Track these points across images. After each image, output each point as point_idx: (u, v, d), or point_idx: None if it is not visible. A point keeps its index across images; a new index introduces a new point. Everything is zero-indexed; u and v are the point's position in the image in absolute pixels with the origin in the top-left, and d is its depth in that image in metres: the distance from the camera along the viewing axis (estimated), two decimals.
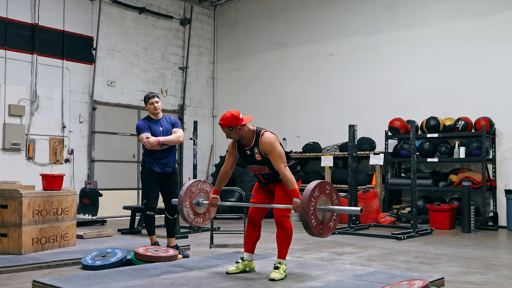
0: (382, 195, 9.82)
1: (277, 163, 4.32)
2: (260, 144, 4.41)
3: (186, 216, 4.79)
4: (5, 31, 9.42)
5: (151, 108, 5.83)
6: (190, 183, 4.87)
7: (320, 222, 4.15)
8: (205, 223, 5.00)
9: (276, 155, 4.32)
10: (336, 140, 10.78)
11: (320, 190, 4.16)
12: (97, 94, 10.76)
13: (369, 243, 7.01)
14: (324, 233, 4.21)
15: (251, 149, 4.48)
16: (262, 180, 4.60)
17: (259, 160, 4.46)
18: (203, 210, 4.93)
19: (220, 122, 4.40)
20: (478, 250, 6.45)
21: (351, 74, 10.94)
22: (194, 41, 12.77)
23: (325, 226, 4.22)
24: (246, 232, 4.70)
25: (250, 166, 4.59)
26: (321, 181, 4.23)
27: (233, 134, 4.42)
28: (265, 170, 4.49)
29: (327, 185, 4.25)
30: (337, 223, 4.34)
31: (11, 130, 9.37)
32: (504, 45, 9.17)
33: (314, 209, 4.09)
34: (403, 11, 10.38)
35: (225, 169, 4.69)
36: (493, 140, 9.19)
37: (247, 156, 4.53)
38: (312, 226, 4.06)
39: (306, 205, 4.03)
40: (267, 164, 4.44)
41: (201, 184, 4.95)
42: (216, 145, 12.97)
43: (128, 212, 8.67)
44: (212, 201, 4.76)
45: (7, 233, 5.66)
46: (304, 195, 4.06)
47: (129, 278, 4.38)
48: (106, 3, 11.00)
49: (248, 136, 4.46)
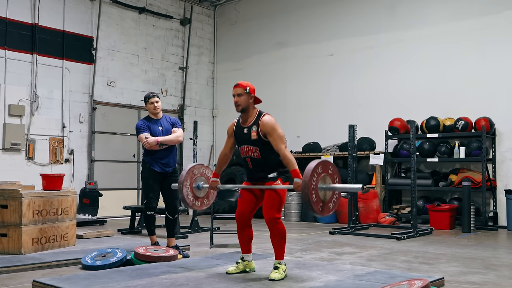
0: (382, 195, 9.82)
1: (277, 144, 4.36)
2: (260, 124, 4.45)
3: (185, 197, 4.73)
4: (5, 31, 9.42)
5: (151, 108, 5.83)
6: (193, 165, 4.84)
7: (320, 199, 4.13)
8: (203, 207, 4.94)
9: (277, 136, 4.38)
10: (336, 140, 10.78)
11: (323, 168, 4.15)
12: (97, 94, 10.76)
13: (369, 243, 7.01)
14: (324, 212, 4.18)
15: (248, 128, 4.51)
16: (250, 165, 4.53)
17: (253, 140, 4.45)
18: (203, 194, 4.90)
19: (239, 83, 4.59)
20: (478, 250, 6.45)
21: (351, 74, 10.94)
22: (194, 41, 12.77)
23: (325, 205, 4.19)
24: (238, 235, 4.66)
25: (242, 148, 4.56)
26: (325, 160, 4.22)
27: (242, 99, 4.53)
28: (256, 153, 4.46)
29: (330, 165, 4.24)
30: (336, 205, 4.33)
31: (11, 130, 9.37)
32: (504, 45, 9.17)
33: (316, 185, 4.07)
34: (403, 11, 10.38)
35: (224, 152, 4.73)
36: (493, 140, 9.19)
37: (243, 134, 4.53)
38: (312, 201, 4.03)
39: (308, 179, 4.00)
40: (259, 146, 4.44)
41: (203, 168, 4.92)
42: (216, 145, 12.96)
43: (128, 212, 8.67)
44: (212, 184, 4.75)
45: (7, 233, 5.66)
46: (307, 169, 4.05)
47: (129, 278, 4.38)
48: (106, 3, 11.00)
49: (251, 112, 4.55)
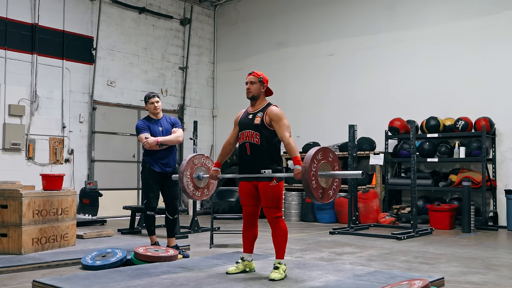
0: (382, 195, 9.82)
1: (283, 131, 4.42)
2: (268, 111, 4.50)
3: (185, 187, 4.73)
4: (5, 31, 9.42)
5: (151, 108, 5.83)
6: (193, 155, 4.84)
7: (320, 186, 4.12)
8: (203, 198, 4.96)
9: (283, 123, 4.45)
10: (336, 140, 10.78)
11: (323, 155, 4.16)
12: (97, 94, 10.76)
13: (369, 243, 7.01)
14: (324, 199, 4.18)
15: (254, 114, 4.57)
16: (248, 151, 4.51)
17: (256, 124, 4.49)
18: (203, 185, 4.90)
19: (254, 72, 4.64)
20: (478, 250, 6.45)
21: (351, 74, 10.94)
22: (194, 41, 12.77)
23: (325, 192, 4.19)
24: (243, 233, 4.69)
25: (242, 133, 4.57)
26: (325, 147, 4.23)
27: (254, 87, 4.58)
28: (255, 139, 4.48)
29: (330, 153, 4.25)
30: (336, 193, 4.33)
31: (11, 130, 9.37)
32: (504, 45, 9.17)
33: (316, 171, 4.06)
34: (403, 11, 10.38)
35: (228, 141, 4.75)
36: (493, 140, 9.19)
37: (247, 120, 4.58)
38: (312, 188, 4.03)
39: (308, 165, 4.00)
40: (260, 131, 4.46)
41: (203, 158, 4.92)
42: (216, 145, 12.96)
43: (128, 212, 8.67)
44: (213, 173, 4.75)
45: (7, 233, 5.66)
46: (307, 155, 4.06)
47: (129, 278, 4.38)
48: (106, 3, 11.00)
49: (260, 101, 4.61)
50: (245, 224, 4.66)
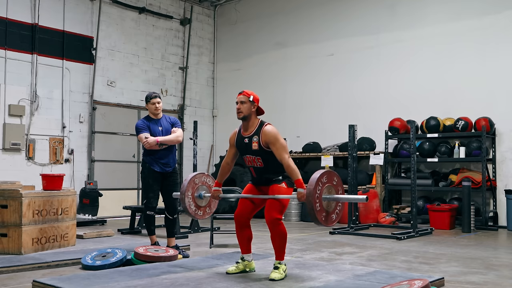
0: (382, 195, 9.82)
1: (280, 154, 4.36)
2: (262, 134, 4.44)
3: (187, 207, 4.75)
4: (5, 31, 9.42)
5: (152, 108, 5.83)
6: (194, 175, 4.85)
7: (324, 209, 4.13)
8: (205, 216, 4.98)
9: (280, 145, 4.38)
10: (336, 140, 10.78)
11: (328, 178, 4.17)
12: (97, 94, 10.76)
13: (369, 243, 7.01)
14: (328, 222, 4.18)
15: (250, 138, 4.51)
16: (254, 174, 4.57)
17: (254, 150, 4.46)
18: (205, 203, 4.92)
19: (244, 91, 4.59)
20: (478, 250, 6.45)
21: (351, 74, 10.94)
22: (194, 41, 12.77)
23: (329, 216, 4.19)
24: (237, 235, 4.66)
25: (245, 157, 4.58)
26: (330, 170, 4.24)
27: (245, 107, 4.51)
28: (258, 163, 4.48)
29: (335, 177, 4.25)
30: (339, 217, 4.32)
31: (11, 130, 9.37)
32: (504, 45, 9.17)
33: (320, 194, 4.07)
34: (403, 11, 10.38)
35: (226, 161, 4.74)
36: (493, 140, 9.19)
37: (244, 144, 4.54)
38: (316, 210, 4.03)
39: (313, 187, 4.01)
40: (261, 155, 4.45)
41: (204, 177, 4.93)
42: (216, 145, 12.97)
43: (128, 212, 8.68)
44: (214, 193, 4.76)
45: (7, 233, 5.66)
46: (312, 178, 4.07)
47: (129, 278, 4.37)
48: (106, 3, 11.00)
49: (252, 121, 4.54)
50: (238, 226, 4.63)
